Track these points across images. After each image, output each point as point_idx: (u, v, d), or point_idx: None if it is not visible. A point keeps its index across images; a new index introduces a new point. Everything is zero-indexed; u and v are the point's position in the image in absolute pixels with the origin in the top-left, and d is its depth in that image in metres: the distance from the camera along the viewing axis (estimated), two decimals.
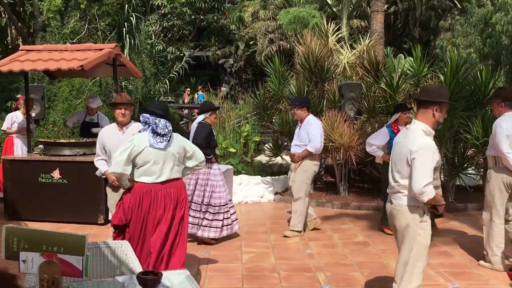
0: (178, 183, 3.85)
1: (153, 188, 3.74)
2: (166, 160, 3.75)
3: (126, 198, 3.81)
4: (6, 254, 2.28)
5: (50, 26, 9.94)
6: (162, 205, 3.74)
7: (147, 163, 3.73)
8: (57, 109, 9.35)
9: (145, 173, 3.74)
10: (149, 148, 3.71)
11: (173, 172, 3.80)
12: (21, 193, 6.67)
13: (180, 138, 3.93)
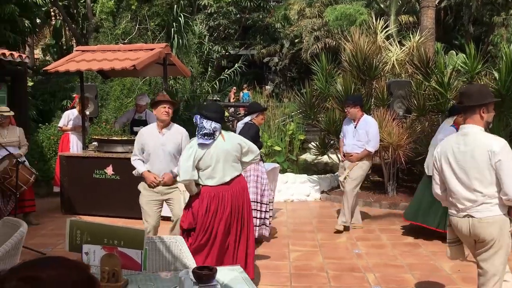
0: (240, 179, 3.92)
1: (220, 190, 3.80)
2: (226, 160, 3.81)
3: (195, 203, 3.87)
4: (70, 246, 2.40)
5: (103, 27, 10.30)
6: (229, 204, 3.79)
7: (209, 166, 3.79)
8: (109, 108, 9.68)
9: (210, 176, 3.80)
10: (209, 150, 3.77)
11: (234, 170, 3.86)
12: (77, 188, 6.96)
13: (234, 136, 4.01)
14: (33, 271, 1.00)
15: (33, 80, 11.81)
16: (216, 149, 3.79)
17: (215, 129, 3.79)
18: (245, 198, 3.91)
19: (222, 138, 3.83)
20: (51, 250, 5.32)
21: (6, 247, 2.84)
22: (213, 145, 3.78)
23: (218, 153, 3.79)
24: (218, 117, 3.84)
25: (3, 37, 9.20)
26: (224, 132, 3.92)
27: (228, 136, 3.90)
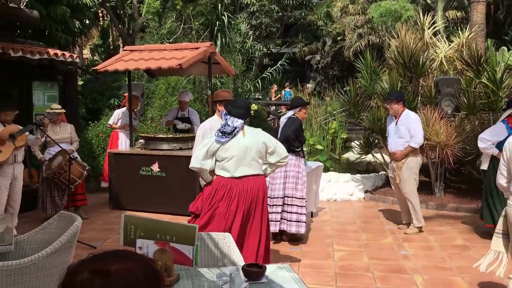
0: (256, 179, 3.85)
1: (229, 182, 3.80)
2: (244, 156, 3.79)
3: (206, 190, 3.95)
4: (124, 240, 2.47)
5: (149, 27, 10.53)
6: (235, 199, 3.78)
7: (225, 158, 3.81)
8: (154, 106, 9.89)
9: (224, 168, 3.84)
10: (226, 144, 3.79)
11: (252, 168, 3.82)
12: (124, 184, 7.17)
13: (261, 133, 3.94)
14: (103, 264, 1.03)
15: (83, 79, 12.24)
16: (233, 143, 3.79)
17: (237, 126, 3.79)
18: (258, 198, 3.84)
19: (243, 134, 3.83)
20: (101, 244, 5.49)
21: (62, 240, 2.97)
22: (231, 140, 3.79)
23: (234, 148, 3.79)
24: (243, 114, 3.85)
25: (55, 37, 9.57)
26: (248, 128, 3.90)
27: (250, 133, 3.87)
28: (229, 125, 3.79)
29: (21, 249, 3.31)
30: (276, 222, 5.32)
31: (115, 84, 10.59)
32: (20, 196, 5.71)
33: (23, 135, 5.58)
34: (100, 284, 1.00)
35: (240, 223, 3.78)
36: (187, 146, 7.14)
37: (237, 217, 3.78)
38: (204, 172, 3.97)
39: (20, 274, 2.76)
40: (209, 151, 3.84)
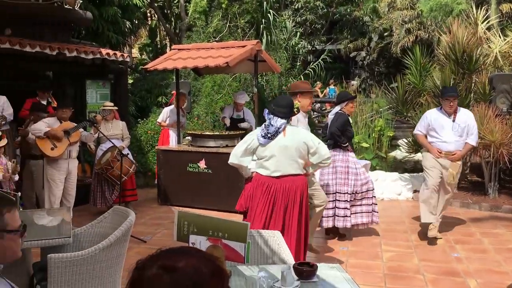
0: (296, 179, 3.80)
1: (267, 181, 3.78)
2: (283, 155, 3.75)
3: (247, 186, 3.96)
4: (178, 236, 2.52)
5: (196, 26, 10.69)
6: (272, 199, 3.76)
7: (263, 157, 3.80)
8: (200, 103, 10.04)
9: (262, 166, 3.83)
10: (263, 143, 3.77)
11: (291, 168, 3.77)
12: (172, 181, 7.32)
13: (302, 133, 3.88)
14: (170, 261, 1.06)
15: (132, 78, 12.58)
16: (272, 143, 3.76)
17: (280, 126, 3.74)
18: (296, 197, 3.77)
19: (283, 133, 3.79)
20: (150, 238, 5.63)
21: (117, 234, 3.07)
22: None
23: (273, 147, 3.76)
24: (286, 113, 3.79)
25: (107, 37, 9.90)
26: (290, 127, 3.85)
27: (292, 132, 3.81)
28: (272, 125, 3.75)
29: (78, 241, 3.45)
30: (328, 218, 5.31)
31: (163, 82, 10.83)
32: (74, 190, 5.95)
33: (77, 132, 5.81)
34: (167, 279, 1.03)
35: (278, 222, 3.76)
36: (233, 144, 7.19)
37: (274, 216, 3.78)
38: (243, 169, 4.00)
39: (78, 265, 2.88)
40: (248, 148, 3.86)
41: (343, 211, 5.32)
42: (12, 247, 1.69)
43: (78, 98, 7.95)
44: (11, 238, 1.68)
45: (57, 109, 5.82)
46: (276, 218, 3.74)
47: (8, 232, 1.66)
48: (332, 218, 5.33)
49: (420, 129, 5.60)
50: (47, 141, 5.56)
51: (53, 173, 5.67)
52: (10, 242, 1.68)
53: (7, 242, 1.67)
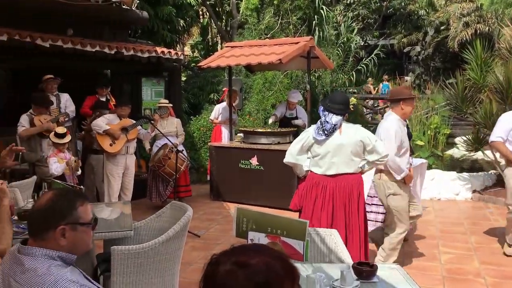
0: (351, 177, 3.72)
1: (322, 180, 3.73)
2: (338, 154, 3.68)
3: (301, 185, 3.92)
4: (237, 232, 2.55)
5: (248, 23, 10.74)
6: (330, 198, 3.69)
7: (318, 155, 3.75)
8: (252, 100, 10.09)
9: (316, 164, 3.78)
10: (318, 141, 3.72)
11: (346, 166, 3.70)
12: (224, 177, 7.41)
13: (359, 130, 3.79)
14: (244, 257, 1.08)
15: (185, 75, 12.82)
16: (328, 140, 3.69)
17: (336, 123, 3.67)
18: (352, 196, 3.70)
19: (339, 131, 3.71)
20: (204, 233, 5.74)
21: (176, 228, 3.14)
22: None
23: (328, 145, 3.69)
24: (342, 109, 3.71)
25: (161, 36, 10.14)
26: (346, 124, 3.77)
27: (348, 130, 3.73)
28: (327, 122, 3.69)
29: (138, 234, 3.56)
30: (376, 223, 5.16)
31: (214, 79, 10.97)
32: (132, 185, 6.15)
33: (135, 129, 6.01)
34: (241, 275, 1.05)
35: (334, 222, 3.71)
36: (285, 141, 7.20)
37: (329, 215, 3.72)
38: (299, 167, 3.95)
39: (139, 257, 2.97)
40: (304, 146, 3.83)
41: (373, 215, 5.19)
42: (84, 239, 1.77)
43: (134, 96, 8.20)
44: (83, 231, 1.76)
45: (117, 106, 6.04)
46: (334, 218, 3.69)
47: (81, 224, 1.74)
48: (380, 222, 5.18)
49: (500, 134, 4.73)
50: (106, 137, 5.79)
51: (112, 167, 5.89)
52: (83, 234, 1.76)
53: (80, 234, 1.74)
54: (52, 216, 1.69)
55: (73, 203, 1.73)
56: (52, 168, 5.02)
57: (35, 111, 5.82)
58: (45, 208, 1.70)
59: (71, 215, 1.71)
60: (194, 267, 4.62)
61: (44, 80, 6.46)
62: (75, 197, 1.76)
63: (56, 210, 1.70)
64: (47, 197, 1.74)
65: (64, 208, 1.71)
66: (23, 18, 6.82)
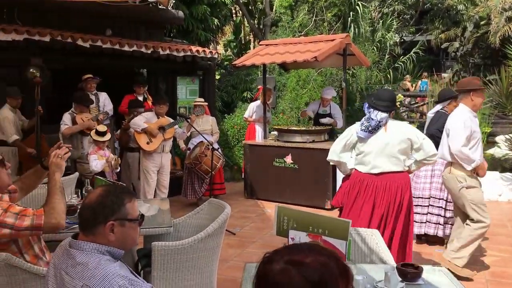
0: (397, 176, 3.62)
1: (366, 178, 3.65)
2: (383, 151, 3.59)
3: (345, 183, 3.86)
4: (277, 230, 2.53)
5: (282, 21, 10.70)
6: (372, 197, 3.61)
7: (361, 152, 3.68)
8: (285, 98, 10.05)
9: (361, 162, 3.71)
10: (362, 138, 3.64)
11: (391, 165, 3.61)
12: (258, 175, 7.41)
13: (405, 128, 3.69)
14: (298, 256, 1.06)
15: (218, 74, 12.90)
16: (373, 138, 3.61)
17: (381, 120, 3.59)
18: (397, 196, 3.58)
19: (384, 129, 3.62)
20: (239, 231, 5.75)
21: (214, 225, 3.15)
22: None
23: (373, 142, 3.60)
24: (388, 106, 3.62)
25: (196, 35, 10.23)
26: (392, 122, 3.68)
27: (393, 127, 3.63)
28: (372, 118, 3.61)
29: (177, 231, 3.60)
30: (421, 224, 5.04)
31: (248, 77, 10.98)
32: (168, 183, 6.23)
33: (172, 128, 6.09)
34: (295, 274, 1.03)
35: (378, 222, 3.62)
36: (320, 139, 7.13)
37: (374, 215, 3.64)
38: (343, 165, 3.90)
39: (178, 254, 3.00)
40: (348, 144, 3.77)
41: (436, 217, 5.02)
42: (132, 235, 1.80)
43: (169, 94, 8.29)
44: (131, 227, 1.78)
45: (155, 104, 6.12)
46: (377, 218, 3.61)
47: (129, 220, 1.76)
48: (425, 224, 5.06)
49: None
50: (144, 136, 5.88)
51: (148, 165, 5.99)
52: (130, 230, 1.78)
53: (128, 230, 1.77)
54: (102, 212, 1.72)
55: (122, 200, 1.76)
56: (92, 164, 5.14)
57: (76, 110, 5.98)
58: (95, 204, 1.74)
59: (120, 211, 1.75)
60: (230, 264, 4.64)
61: (84, 80, 6.61)
62: (123, 194, 1.79)
63: (106, 206, 1.73)
64: (97, 193, 1.78)
65: (113, 204, 1.75)
66: (63, 19, 7.01)
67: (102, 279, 1.59)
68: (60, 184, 2.57)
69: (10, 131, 5.92)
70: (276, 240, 5.24)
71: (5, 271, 2.48)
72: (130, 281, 1.63)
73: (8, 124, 5.93)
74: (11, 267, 2.47)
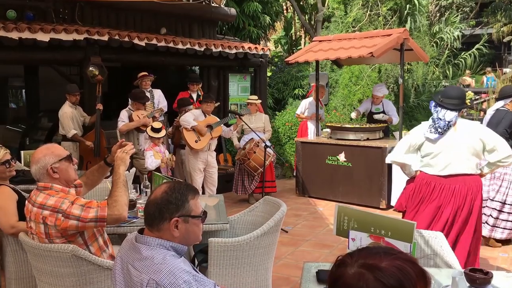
0: (468, 179, 3.43)
1: (433, 180, 3.48)
2: (453, 153, 3.40)
3: (410, 186, 3.71)
4: (337, 230, 2.47)
5: (335, 16, 10.52)
6: (439, 200, 3.45)
7: (429, 154, 3.50)
8: (337, 95, 9.89)
9: (428, 164, 3.54)
10: (430, 139, 3.47)
11: (462, 166, 3.42)
12: (310, 172, 7.33)
13: (477, 128, 3.49)
14: (373, 260, 1.02)
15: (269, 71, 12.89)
16: (441, 139, 3.42)
17: (451, 120, 3.39)
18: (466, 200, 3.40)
19: (454, 128, 3.43)
20: (291, 229, 5.71)
21: (270, 223, 3.13)
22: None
23: (442, 143, 3.41)
24: (457, 105, 3.42)
25: (247, 32, 10.25)
26: (461, 121, 3.48)
27: (464, 127, 3.43)
28: (440, 118, 3.42)
29: (232, 228, 3.61)
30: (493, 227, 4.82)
31: (299, 74, 10.89)
32: (216, 180, 6.28)
33: (219, 127, 6.12)
34: (371, 278, 0.99)
35: (443, 225, 3.46)
36: (375, 137, 6.96)
37: (441, 219, 3.48)
38: (407, 167, 3.76)
39: (235, 250, 3.00)
40: (412, 145, 3.61)
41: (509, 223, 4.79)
42: (195, 231, 1.81)
43: (221, 91, 8.36)
44: (194, 223, 1.79)
45: (202, 103, 6.16)
46: (444, 222, 3.46)
47: (192, 217, 1.77)
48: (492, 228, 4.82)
49: None
50: (192, 134, 5.95)
51: (194, 162, 6.07)
52: (194, 227, 1.79)
53: (191, 227, 1.78)
54: (167, 208, 1.74)
55: (186, 196, 1.78)
56: (148, 162, 5.26)
57: (133, 107, 6.14)
58: (160, 200, 1.76)
59: (184, 207, 1.76)
60: (283, 262, 4.61)
61: (139, 77, 6.77)
62: (187, 191, 1.80)
63: (171, 202, 1.75)
64: (162, 189, 1.80)
65: (178, 201, 1.76)
66: (120, 18, 7.22)
67: (168, 274, 1.62)
68: (123, 178, 2.64)
69: (69, 126, 6.18)
70: (329, 238, 5.21)
71: (71, 262, 2.57)
72: (194, 276, 1.65)
73: (67, 120, 6.19)
74: (78, 259, 2.56)
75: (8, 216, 2.92)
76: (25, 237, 2.71)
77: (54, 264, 2.60)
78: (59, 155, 2.61)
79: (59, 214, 2.46)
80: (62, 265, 2.58)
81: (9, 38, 5.59)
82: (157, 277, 1.62)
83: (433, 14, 13.39)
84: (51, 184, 2.58)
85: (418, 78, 10.17)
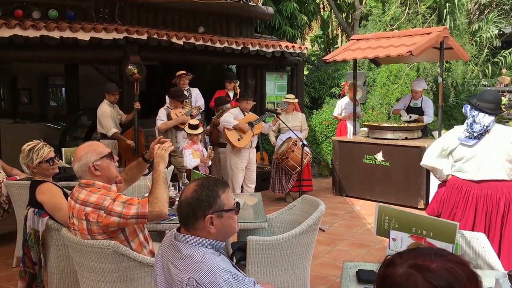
0: (501, 185, 3.35)
1: (465, 185, 3.41)
2: (486, 158, 3.32)
3: (441, 190, 3.64)
4: (378, 230, 2.47)
5: (372, 15, 10.38)
6: (472, 205, 3.37)
7: (462, 158, 3.42)
8: (375, 94, 9.76)
9: (460, 169, 3.46)
10: (464, 144, 3.39)
11: (496, 172, 3.33)
12: (347, 172, 7.29)
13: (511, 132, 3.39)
14: (423, 261, 1.02)
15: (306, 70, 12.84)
16: (475, 143, 3.34)
17: (488, 124, 3.30)
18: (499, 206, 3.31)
19: (488, 133, 3.34)
20: (328, 228, 5.70)
21: (309, 222, 3.14)
22: None
23: (475, 147, 3.32)
24: (494, 109, 3.33)
25: (284, 31, 10.26)
26: (496, 125, 3.39)
27: (498, 131, 3.34)
28: (477, 122, 3.35)
29: (270, 226, 3.64)
30: None
31: (336, 73, 10.81)
32: (255, 178, 6.33)
33: (260, 124, 6.16)
34: (420, 279, 1.00)
35: (484, 230, 3.37)
36: (413, 136, 6.86)
37: (475, 226, 3.41)
38: (438, 172, 3.70)
39: (273, 249, 3.02)
40: (445, 149, 3.54)
41: None
42: (230, 224, 1.84)
43: (258, 90, 8.40)
44: (229, 216, 1.82)
45: (240, 100, 6.21)
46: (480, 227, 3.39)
47: (226, 211, 1.80)
48: None
49: None
50: (234, 132, 6.01)
51: (236, 161, 6.11)
52: (229, 220, 1.82)
53: (226, 221, 1.81)
54: (199, 207, 1.77)
55: (216, 192, 1.80)
56: (187, 160, 5.35)
57: (171, 105, 6.25)
58: (191, 199, 1.78)
59: (216, 203, 1.78)
60: (320, 261, 4.62)
61: (177, 76, 6.89)
62: (217, 186, 1.82)
63: (202, 200, 1.77)
64: (192, 188, 1.82)
65: (209, 198, 1.78)
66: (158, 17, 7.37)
67: (208, 273, 1.64)
68: (163, 175, 2.70)
69: (109, 125, 6.34)
70: (366, 238, 5.18)
71: (113, 258, 2.62)
72: (233, 275, 1.67)
73: (106, 119, 6.35)
74: (119, 255, 2.61)
75: (64, 210, 2.96)
76: (67, 233, 2.76)
77: (96, 260, 2.65)
78: (100, 153, 2.66)
79: (101, 211, 2.50)
80: (104, 261, 2.63)
81: (51, 37, 5.70)
82: (197, 276, 1.64)
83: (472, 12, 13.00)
84: (93, 181, 2.63)
85: (458, 76, 9.91)
